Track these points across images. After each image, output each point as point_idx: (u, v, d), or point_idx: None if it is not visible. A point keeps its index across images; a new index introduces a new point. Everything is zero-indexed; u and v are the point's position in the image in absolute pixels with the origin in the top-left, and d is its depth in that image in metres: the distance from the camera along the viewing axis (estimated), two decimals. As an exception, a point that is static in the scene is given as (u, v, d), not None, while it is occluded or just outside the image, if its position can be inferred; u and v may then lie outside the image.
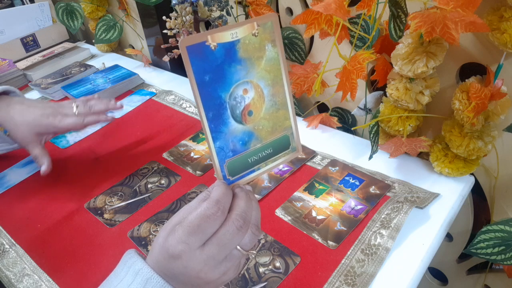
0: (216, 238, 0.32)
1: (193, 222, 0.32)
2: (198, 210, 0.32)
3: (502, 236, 0.53)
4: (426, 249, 0.48)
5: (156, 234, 0.53)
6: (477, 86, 0.48)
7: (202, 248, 0.32)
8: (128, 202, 0.60)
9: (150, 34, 1.03)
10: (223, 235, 0.32)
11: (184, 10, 0.69)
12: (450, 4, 0.40)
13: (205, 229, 0.32)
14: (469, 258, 0.73)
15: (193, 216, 0.32)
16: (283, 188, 0.60)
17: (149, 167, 0.67)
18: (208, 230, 0.32)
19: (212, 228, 0.32)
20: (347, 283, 0.45)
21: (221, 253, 0.33)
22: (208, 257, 0.32)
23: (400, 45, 0.52)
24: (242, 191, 0.35)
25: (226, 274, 0.34)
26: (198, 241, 0.32)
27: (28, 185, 0.65)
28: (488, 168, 0.60)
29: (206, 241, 0.32)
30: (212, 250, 0.32)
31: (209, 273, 0.33)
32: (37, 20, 1.12)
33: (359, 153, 0.66)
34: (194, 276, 0.33)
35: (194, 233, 0.32)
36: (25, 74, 1.02)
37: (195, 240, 0.32)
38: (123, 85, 0.92)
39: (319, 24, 0.52)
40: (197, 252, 0.32)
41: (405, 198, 0.54)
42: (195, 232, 0.32)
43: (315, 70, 0.66)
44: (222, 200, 0.33)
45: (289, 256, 0.49)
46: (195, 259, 0.32)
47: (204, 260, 0.32)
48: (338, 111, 0.78)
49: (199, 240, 0.32)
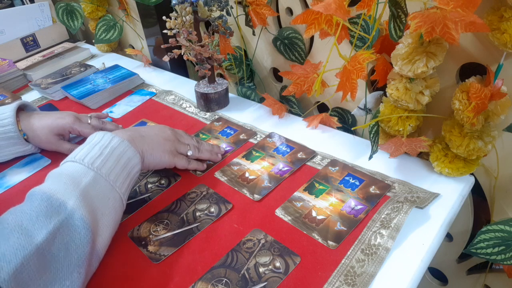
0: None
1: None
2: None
3: (502, 236, 0.54)
4: (426, 249, 0.48)
5: (156, 234, 0.54)
6: (477, 86, 0.48)
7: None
8: (128, 202, 0.60)
9: (150, 34, 1.03)
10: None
11: (184, 10, 0.69)
12: (450, 4, 0.40)
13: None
14: (469, 258, 0.73)
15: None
16: (283, 188, 0.60)
17: (149, 167, 0.67)
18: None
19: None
20: (347, 283, 0.45)
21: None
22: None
23: (400, 45, 0.52)
24: None
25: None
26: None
27: (28, 185, 0.65)
28: (488, 168, 0.60)
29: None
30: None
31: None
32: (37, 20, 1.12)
33: (359, 153, 0.66)
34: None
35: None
36: (25, 74, 1.02)
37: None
38: (123, 85, 0.92)
39: (319, 24, 0.52)
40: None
41: (405, 198, 0.54)
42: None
43: (315, 70, 0.66)
44: None
45: (289, 256, 0.49)
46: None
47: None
48: (338, 111, 0.78)
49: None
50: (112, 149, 0.51)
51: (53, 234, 0.41)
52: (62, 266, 0.41)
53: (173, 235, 0.53)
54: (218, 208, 0.57)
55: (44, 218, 0.42)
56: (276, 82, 0.90)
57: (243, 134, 0.73)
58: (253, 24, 0.76)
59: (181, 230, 0.54)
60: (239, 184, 0.61)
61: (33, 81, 0.97)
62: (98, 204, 0.47)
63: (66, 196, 0.44)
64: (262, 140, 0.70)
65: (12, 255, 0.38)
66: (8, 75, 0.99)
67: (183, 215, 0.56)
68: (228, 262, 0.48)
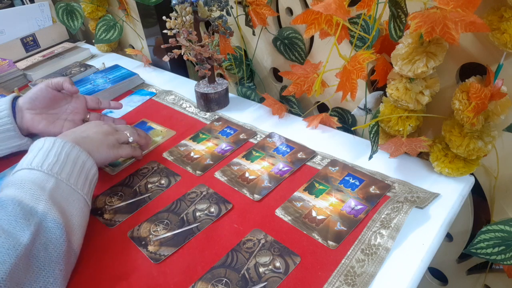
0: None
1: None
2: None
3: (502, 236, 0.54)
4: (426, 249, 0.48)
5: (156, 234, 0.54)
6: (477, 86, 0.48)
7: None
8: (128, 202, 0.60)
9: (150, 34, 1.03)
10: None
11: (184, 10, 0.69)
12: (450, 4, 0.40)
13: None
14: (469, 258, 0.73)
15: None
16: (283, 188, 0.60)
17: (149, 167, 0.67)
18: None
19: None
20: (347, 283, 0.45)
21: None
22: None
23: (400, 45, 0.52)
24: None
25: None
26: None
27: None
28: (488, 168, 0.60)
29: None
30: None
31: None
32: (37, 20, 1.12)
33: (359, 153, 0.66)
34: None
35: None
36: (25, 74, 1.02)
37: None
38: (123, 85, 0.92)
39: (319, 24, 0.52)
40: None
41: (405, 198, 0.54)
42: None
43: (315, 70, 0.66)
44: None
45: (289, 256, 0.49)
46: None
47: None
48: (338, 111, 0.78)
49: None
50: (67, 154, 0.53)
51: (34, 235, 0.42)
52: (43, 265, 0.42)
53: (173, 235, 0.53)
54: (218, 208, 0.57)
55: (23, 220, 0.43)
56: (276, 82, 0.90)
57: (243, 134, 0.73)
58: (253, 24, 0.76)
59: (181, 230, 0.54)
60: (239, 184, 0.61)
61: (33, 81, 0.97)
62: (65, 206, 0.48)
63: (35, 201, 0.45)
64: (262, 140, 0.70)
65: (6, 255, 0.39)
66: (8, 75, 0.99)
67: (183, 215, 0.56)
68: (228, 262, 0.48)
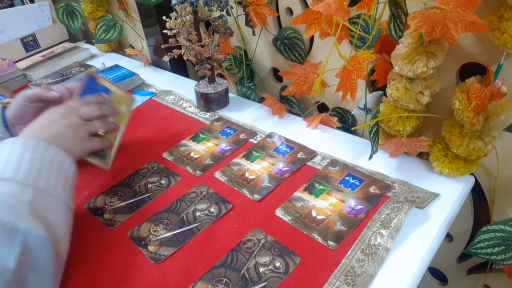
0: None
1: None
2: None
3: (502, 236, 0.54)
4: (426, 249, 0.48)
5: (156, 234, 0.54)
6: (477, 86, 0.48)
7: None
8: (128, 202, 0.60)
9: (150, 34, 1.03)
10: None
11: (184, 10, 0.69)
12: (450, 4, 0.40)
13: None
14: (469, 258, 0.73)
15: None
16: (283, 188, 0.60)
17: (149, 167, 0.67)
18: None
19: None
20: (347, 283, 0.45)
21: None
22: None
23: (400, 45, 0.52)
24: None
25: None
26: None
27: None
28: (488, 168, 0.60)
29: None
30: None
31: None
32: (37, 20, 1.12)
33: (359, 153, 0.66)
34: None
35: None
36: (25, 74, 1.02)
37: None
38: (123, 85, 0.92)
39: (319, 24, 0.52)
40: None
41: (405, 198, 0.54)
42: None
43: (315, 70, 0.66)
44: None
45: (289, 256, 0.49)
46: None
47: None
48: (338, 111, 0.78)
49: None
50: (42, 157, 0.48)
51: (21, 257, 0.40)
52: (34, 284, 0.41)
53: (173, 235, 0.53)
54: (218, 208, 0.57)
55: (6, 243, 0.40)
56: (276, 82, 0.90)
57: (243, 134, 0.73)
58: (253, 24, 0.76)
59: (181, 230, 0.54)
60: (239, 184, 0.61)
61: (33, 81, 0.97)
62: (48, 216, 0.45)
63: (16, 218, 0.41)
64: (262, 140, 0.70)
65: None
66: (8, 75, 0.99)
67: (183, 215, 0.56)
68: (228, 262, 0.48)
